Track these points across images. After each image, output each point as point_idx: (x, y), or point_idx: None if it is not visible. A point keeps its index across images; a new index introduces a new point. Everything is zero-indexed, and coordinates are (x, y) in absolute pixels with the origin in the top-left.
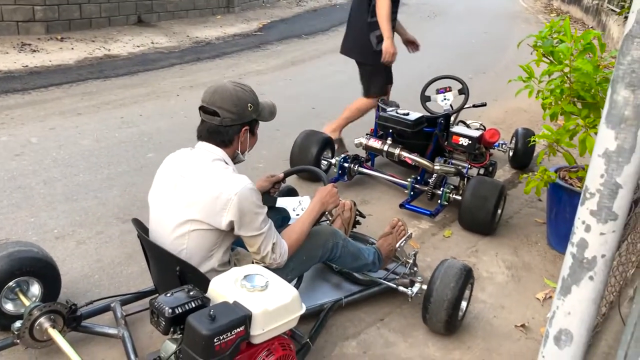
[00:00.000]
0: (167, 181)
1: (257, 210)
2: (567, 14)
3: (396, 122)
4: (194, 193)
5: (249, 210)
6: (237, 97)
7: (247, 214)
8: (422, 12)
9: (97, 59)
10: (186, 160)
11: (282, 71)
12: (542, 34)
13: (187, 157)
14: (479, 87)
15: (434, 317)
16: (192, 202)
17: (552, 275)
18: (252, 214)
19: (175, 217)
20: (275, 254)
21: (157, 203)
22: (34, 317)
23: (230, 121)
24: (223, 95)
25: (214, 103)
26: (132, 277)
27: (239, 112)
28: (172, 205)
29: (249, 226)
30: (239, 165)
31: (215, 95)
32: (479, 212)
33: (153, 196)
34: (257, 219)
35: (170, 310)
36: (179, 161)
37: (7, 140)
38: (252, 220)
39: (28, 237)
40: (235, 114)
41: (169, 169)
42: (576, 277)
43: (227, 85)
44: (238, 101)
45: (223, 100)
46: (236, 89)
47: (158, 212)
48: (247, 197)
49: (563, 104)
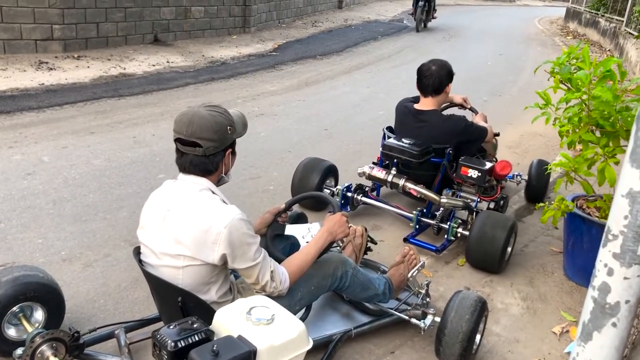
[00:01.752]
0: (154, 216)
1: (249, 240)
2: (583, 36)
3: (401, 152)
4: (183, 228)
5: (240, 242)
6: (216, 123)
7: (239, 246)
8: (438, 33)
9: (112, 78)
10: (172, 193)
11: (296, 92)
12: (560, 60)
13: (173, 190)
14: (493, 110)
15: (447, 351)
16: (182, 238)
17: (569, 308)
18: (244, 245)
19: (167, 251)
20: (275, 282)
21: (147, 239)
22: (35, 345)
23: (214, 149)
24: (201, 124)
25: (193, 134)
26: (137, 302)
27: (220, 139)
28: (161, 240)
29: (242, 258)
30: (249, 185)
31: (192, 126)
32: (486, 250)
33: (142, 233)
34: (250, 249)
35: (173, 344)
36: (164, 195)
37: (20, 159)
38: (245, 252)
39: (35, 259)
40: (217, 141)
41: (156, 204)
42: (598, 323)
43: (202, 113)
44: (217, 127)
45: (202, 130)
46: (212, 115)
47: (149, 246)
48: (237, 229)
49: (581, 132)
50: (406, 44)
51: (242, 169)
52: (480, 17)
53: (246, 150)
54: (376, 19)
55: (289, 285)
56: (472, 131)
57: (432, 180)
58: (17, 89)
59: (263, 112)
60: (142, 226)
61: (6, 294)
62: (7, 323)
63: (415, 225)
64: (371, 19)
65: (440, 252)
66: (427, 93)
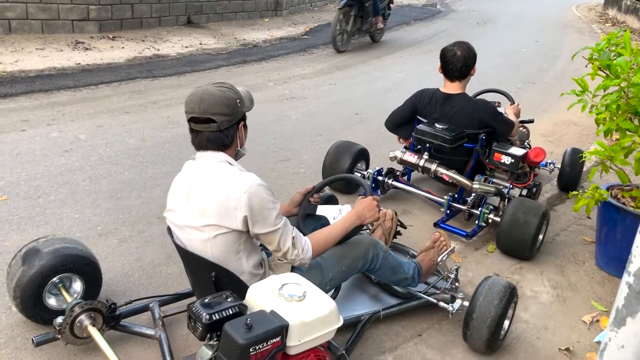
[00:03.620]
0: (179, 195)
1: (269, 205)
2: (623, 23)
3: (434, 137)
4: (205, 199)
5: (260, 206)
6: (226, 98)
7: (260, 211)
8: (472, 19)
9: (146, 59)
10: (192, 171)
11: (327, 76)
12: (600, 46)
13: (193, 169)
14: (527, 98)
15: (475, 335)
16: (206, 209)
17: (599, 298)
18: (264, 210)
19: (193, 225)
20: (296, 249)
21: (175, 218)
22: (75, 314)
23: (228, 123)
24: (212, 100)
25: (206, 111)
26: (171, 277)
27: (232, 112)
28: (188, 216)
29: (263, 223)
30: (279, 167)
31: (204, 103)
32: (518, 237)
33: (170, 214)
34: (270, 214)
35: (207, 316)
36: (186, 174)
37: (58, 136)
38: (265, 217)
39: (72, 233)
40: (230, 115)
41: (179, 184)
42: (632, 308)
43: (211, 89)
44: (228, 101)
45: (214, 106)
46: (222, 90)
47: (177, 224)
48: (256, 194)
49: (619, 119)
50: (439, 29)
51: (273, 151)
52: (516, 3)
53: (277, 133)
54: (409, 3)
55: (311, 255)
56: (500, 120)
57: (465, 166)
58: (55, 68)
59: (294, 96)
60: (169, 208)
61: (47, 265)
62: (48, 293)
63: (446, 210)
64: (404, 2)
65: (471, 238)
66: (454, 78)
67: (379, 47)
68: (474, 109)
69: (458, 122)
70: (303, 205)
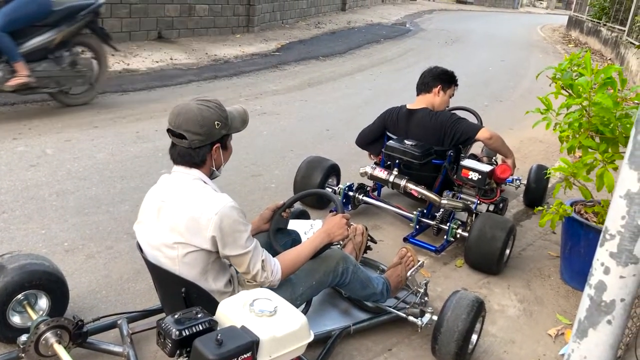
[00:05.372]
0: (151, 209)
1: (241, 228)
2: (585, 45)
3: (403, 153)
4: (176, 216)
5: (231, 229)
6: (202, 117)
7: (230, 233)
8: (440, 38)
9: (116, 73)
10: (166, 186)
11: (298, 92)
12: (562, 66)
13: (167, 183)
14: (495, 115)
15: (443, 349)
16: (176, 226)
17: (564, 311)
18: (235, 232)
19: (163, 241)
20: (266, 271)
21: (144, 232)
22: (40, 332)
23: (199, 142)
24: (187, 117)
25: (179, 126)
26: (139, 294)
27: (206, 133)
28: (158, 231)
29: (233, 245)
30: (250, 182)
31: (179, 118)
32: (485, 251)
33: (139, 227)
34: (241, 237)
35: (177, 332)
36: (160, 188)
37: (24, 151)
38: (236, 239)
39: (38, 249)
40: (202, 135)
41: (152, 197)
42: (593, 320)
43: (191, 106)
44: (204, 121)
45: (188, 123)
46: (201, 109)
47: (147, 240)
48: (228, 215)
49: (581, 137)
50: (409, 47)
51: (244, 166)
52: (483, 23)
53: (248, 148)
54: (379, 22)
55: (280, 277)
56: (461, 126)
57: (433, 182)
58: None
59: (265, 111)
60: (140, 221)
61: (12, 281)
62: (12, 310)
63: (415, 225)
64: (374, 22)
65: (439, 253)
66: (419, 91)
67: (349, 63)
68: (437, 120)
69: (422, 136)
70: (274, 220)
